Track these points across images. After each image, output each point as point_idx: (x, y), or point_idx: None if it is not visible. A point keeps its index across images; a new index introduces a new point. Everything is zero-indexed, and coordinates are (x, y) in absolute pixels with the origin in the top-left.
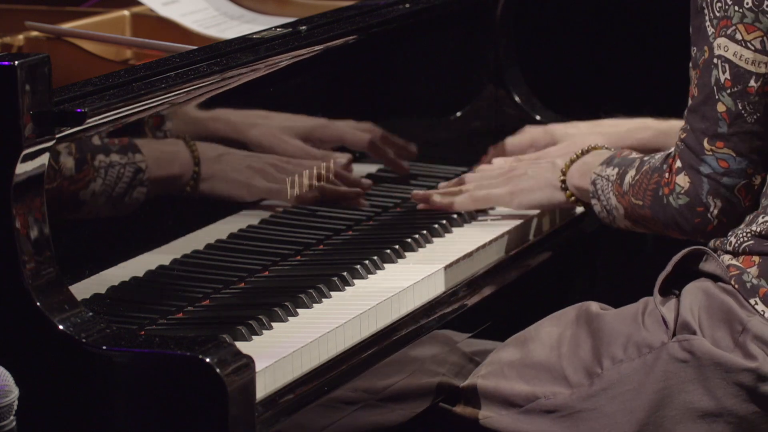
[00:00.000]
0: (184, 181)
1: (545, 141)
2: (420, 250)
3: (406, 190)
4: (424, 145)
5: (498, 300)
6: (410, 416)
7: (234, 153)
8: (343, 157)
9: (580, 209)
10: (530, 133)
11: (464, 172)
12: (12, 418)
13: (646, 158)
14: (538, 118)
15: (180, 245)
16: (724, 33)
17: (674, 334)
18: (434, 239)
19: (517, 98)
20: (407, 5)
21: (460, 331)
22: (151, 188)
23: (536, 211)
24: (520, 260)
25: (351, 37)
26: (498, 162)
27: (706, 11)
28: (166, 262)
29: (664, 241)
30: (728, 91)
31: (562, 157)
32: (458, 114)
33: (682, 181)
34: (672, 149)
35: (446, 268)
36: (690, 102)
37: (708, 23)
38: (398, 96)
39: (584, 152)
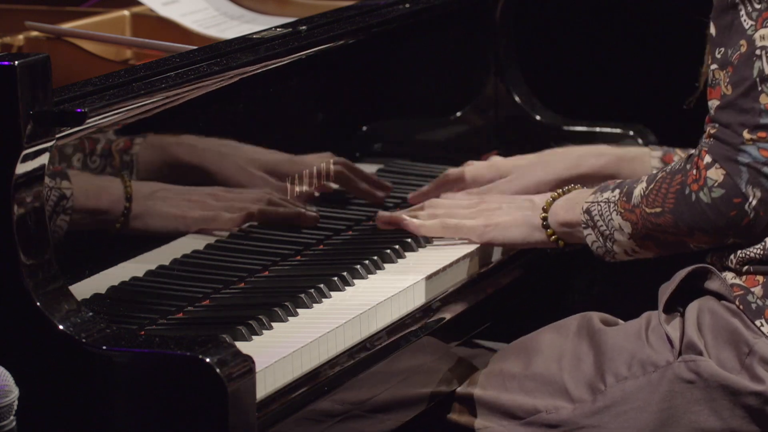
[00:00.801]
0: (112, 219)
1: (489, 176)
2: (420, 249)
3: (406, 190)
4: (424, 145)
5: (498, 300)
6: (408, 418)
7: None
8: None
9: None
10: (474, 166)
11: None
12: (12, 418)
13: (655, 172)
14: (538, 118)
15: (180, 245)
16: (767, 24)
17: (680, 354)
18: (434, 239)
19: (517, 98)
20: (407, 5)
21: (460, 331)
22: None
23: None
24: (521, 259)
25: (351, 37)
26: (460, 195)
27: (740, 6)
28: (166, 262)
29: None
30: None
31: (540, 196)
32: (458, 114)
33: (715, 174)
34: (694, 151)
35: (446, 268)
36: (716, 102)
37: (744, 17)
38: (398, 96)
39: (565, 191)
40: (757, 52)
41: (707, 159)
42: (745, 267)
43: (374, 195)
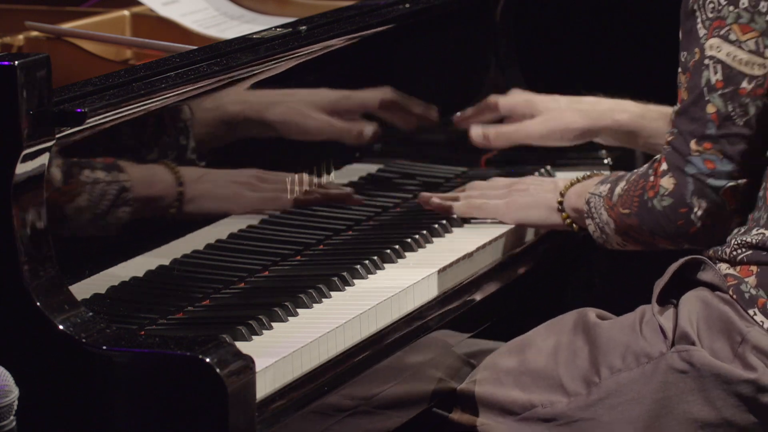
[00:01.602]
0: (165, 205)
1: (524, 110)
2: (420, 250)
3: (406, 190)
4: (424, 145)
5: (497, 301)
6: (408, 417)
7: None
8: (369, 127)
9: None
10: (512, 98)
11: (464, 172)
12: (12, 418)
13: (637, 169)
14: None
15: (180, 245)
16: (717, 33)
17: (673, 344)
18: (434, 239)
19: None
20: (407, 5)
21: (459, 331)
22: (133, 205)
23: None
24: (518, 261)
25: (351, 37)
26: (500, 180)
27: (697, 13)
28: (166, 262)
29: None
30: (719, 92)
31: (563, 180)
32: (458, 114)
33: (667, 183)
34: (658, 155)
35: (446, 268)
36: (678, 105)
37: (700, 25)
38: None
39: (586, 177)
40: (706, 61)
41: (663, 166)
42: (739, 257)
43: (427, 117)
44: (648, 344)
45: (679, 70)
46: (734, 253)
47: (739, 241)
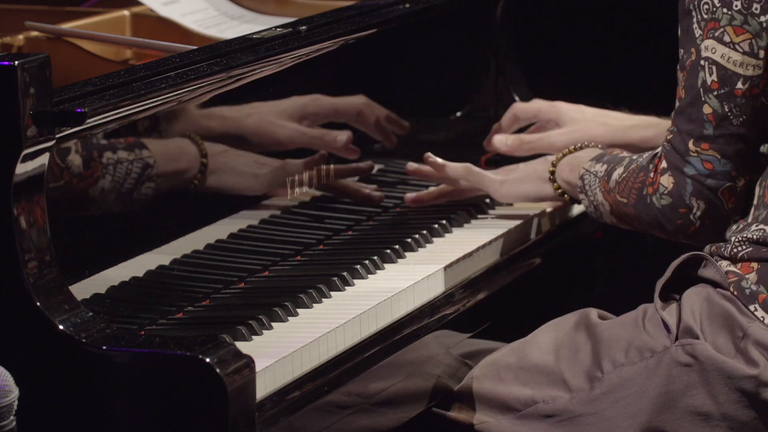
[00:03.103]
0: (189, 177)
1: (549, 116)
2: (420, 250)
3: (406, 190)
4: (424, 145)
5: (497, 301)
6: (408, 417)
7: (234, 149)
8: (343, 135)
9: (579, 209)
10: (538, 104)
11: None
12: (12, 418)
13: (635, 157)
14: None
15: (180, 245)
16: (711, 35)
17: (677, 339)
18: (434, 239)
19: (517, 98)
20: (407, 5)
21: (459, 332)
22: (156, 185)
23: (536, 212)
24: (519, 261)
25: (351, 37)
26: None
27: (693, 13)
28: (166, 262)
29: (663, 243)
30: (715, 93)
31: (556, 153)
32: (458, 114)
33: (666, 181)
34: (659, 149)
35: (446, 268)
36: (677, 104)
37: (695, 25)
38: (398, 96)
39: (577, 149)
40: (702, 62)
41: (663, 164)
42: (740, 254)
43: (395, 132)
44: (651, 339)
45: (678, 67)
46: (735, 250)
47: (740, 239)
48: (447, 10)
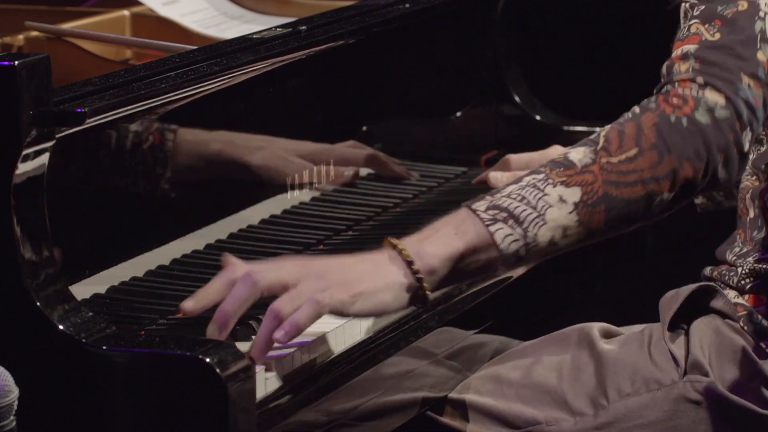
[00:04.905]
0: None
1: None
2: None
3: (406, 190)
4: (424, 145)
5: (497, 300)
6: (408, 418)
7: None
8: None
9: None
10: (529, 155)
11: (464, 172)
12: (12, 418)
13: (599, 130)
14: (538, 118)
15: (180, 245)
16: None
17: (685, 373)
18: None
19: (517, 98)
20: (407, 5)
21: (462, 329)
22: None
23: None
24: None
25: (351, 37)
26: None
27: None
28: (166, 262)
29: (663, 243)
30: None
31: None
32: (458, 114)
33: (715, 96)
34: (655, 91)
35: None
36: (697, 46)
37: None
38: (398, 96)
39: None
40: (761, 14)
41: (699, 80)
42: (748, 286)
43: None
44: (658, 370)
45: (692, 21)
46: (742, 282)
47: (747, 270)
48: (447, 10)
